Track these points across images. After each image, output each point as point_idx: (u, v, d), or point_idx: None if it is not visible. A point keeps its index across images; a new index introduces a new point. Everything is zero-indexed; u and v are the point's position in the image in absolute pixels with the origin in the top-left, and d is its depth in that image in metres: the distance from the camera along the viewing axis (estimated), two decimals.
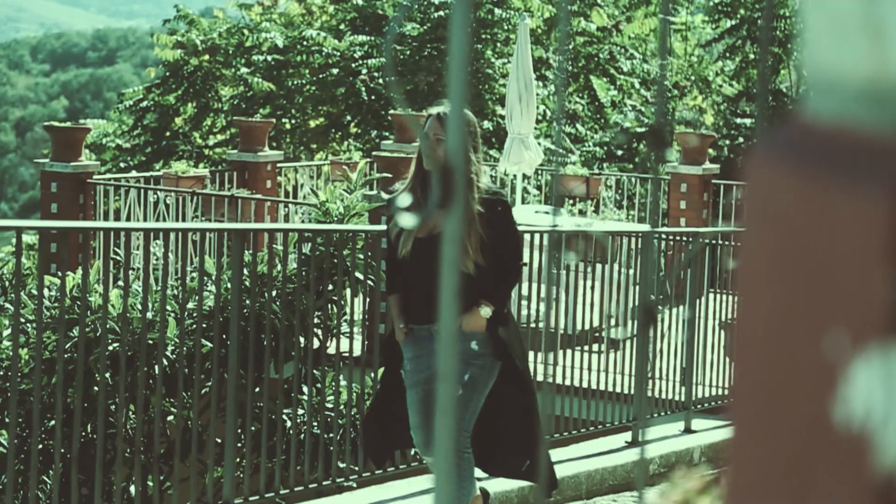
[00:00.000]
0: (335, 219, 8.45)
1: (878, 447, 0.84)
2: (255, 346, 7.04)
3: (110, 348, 6.82)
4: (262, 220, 13.92)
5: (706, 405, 10.06)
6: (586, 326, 10.30)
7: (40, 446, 6.71)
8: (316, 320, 7.44)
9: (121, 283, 7.84)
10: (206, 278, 7.33)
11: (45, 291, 7.15)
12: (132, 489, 6.95)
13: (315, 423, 7.47)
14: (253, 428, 7.40)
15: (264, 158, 16.59)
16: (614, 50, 24.45)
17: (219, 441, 7.14)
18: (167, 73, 23.77)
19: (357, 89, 23.08)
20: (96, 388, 6.62)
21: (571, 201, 17.14)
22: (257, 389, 7.44)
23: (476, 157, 6.20)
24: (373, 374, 7.45)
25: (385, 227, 6.72)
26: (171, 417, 7.53)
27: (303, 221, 13.00)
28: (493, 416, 6.41)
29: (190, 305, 7.11)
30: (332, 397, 7.45)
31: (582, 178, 16.73)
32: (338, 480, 7.36)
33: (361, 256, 7.76)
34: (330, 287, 7.57)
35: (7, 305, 7.76)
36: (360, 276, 7.77)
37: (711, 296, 10.87)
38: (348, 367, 7.53)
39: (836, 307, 0.88)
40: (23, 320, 7.00)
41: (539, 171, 18.35)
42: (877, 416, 0.84)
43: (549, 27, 24.12)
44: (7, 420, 6.65)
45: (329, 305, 7.58)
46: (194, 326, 6.93)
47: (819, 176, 0.90)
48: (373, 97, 23.10)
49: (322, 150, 23.81)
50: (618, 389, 9.61)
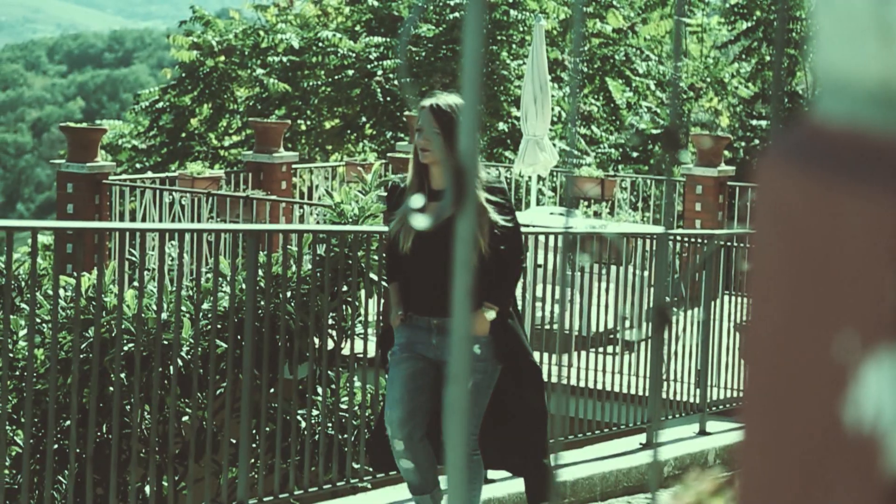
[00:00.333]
0: (350, 220, 8.45)
1: (889, 449, 0.84)
2: (270, 346, 7.05)
3: (125, 349, 6.84)
4: (277, 221, 13.92)
5: (721, 407, 10.04)
6: (601, 328, 10.29)
7: (56, 446, 6.73)
8: (330, 321, 7.44)
9: (136, 283, 7.86)
10: (220, 279, 7.35)
11: (61, 292, 7.17)
12: (147, 489, 6.96)
13: (329, 424, 7.47)
14: (267, 429, 7.42)
15: (279, 159, 16.59)
16: (630, 51, 24.42)
17: (233, 441, 7.15)
18: (183, 74, 23.81)
19: (372, 90, 23.08)
20: (111, 389, 6.63)
21: (586, 203, 17.13)
22: (272, 390, 7.45)
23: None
24: (386, 376, 7.46)
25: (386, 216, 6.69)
26: (185, 418, 7.54)
27: (317, 222, 13.00)
28: (495, 412, 6.39)
29: (205, 306, 7.12)
30: (346, 398, 7.46)
31: (597, 180, 16.71)
32: (352, 481, 7.37)
33: (376, 257, 7.77)
34: (344, 288, 7.57)
35: (23, 306, 7.78)
36: (375, 278, 7.77)
37: (726, 298, 10.85)
38: (363, 367, 7.54)
39: (846, 309, 0.88)
40: (38, 321, 7.02)
41: (554, 173, 18.34)
42: (887, 417, 0.84)
43: (564, 29, 24.10)
44: (23, 420, 6.67)
45: (343, 306, 7.58)
46: (209, 327, 6.94)
47: (828, 177, 0.90)
48: (388, 98, 23.10)
49: (337, 151, 23.81)
50: (632, 391, 9.60)
